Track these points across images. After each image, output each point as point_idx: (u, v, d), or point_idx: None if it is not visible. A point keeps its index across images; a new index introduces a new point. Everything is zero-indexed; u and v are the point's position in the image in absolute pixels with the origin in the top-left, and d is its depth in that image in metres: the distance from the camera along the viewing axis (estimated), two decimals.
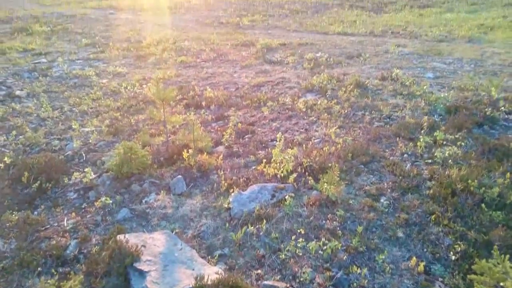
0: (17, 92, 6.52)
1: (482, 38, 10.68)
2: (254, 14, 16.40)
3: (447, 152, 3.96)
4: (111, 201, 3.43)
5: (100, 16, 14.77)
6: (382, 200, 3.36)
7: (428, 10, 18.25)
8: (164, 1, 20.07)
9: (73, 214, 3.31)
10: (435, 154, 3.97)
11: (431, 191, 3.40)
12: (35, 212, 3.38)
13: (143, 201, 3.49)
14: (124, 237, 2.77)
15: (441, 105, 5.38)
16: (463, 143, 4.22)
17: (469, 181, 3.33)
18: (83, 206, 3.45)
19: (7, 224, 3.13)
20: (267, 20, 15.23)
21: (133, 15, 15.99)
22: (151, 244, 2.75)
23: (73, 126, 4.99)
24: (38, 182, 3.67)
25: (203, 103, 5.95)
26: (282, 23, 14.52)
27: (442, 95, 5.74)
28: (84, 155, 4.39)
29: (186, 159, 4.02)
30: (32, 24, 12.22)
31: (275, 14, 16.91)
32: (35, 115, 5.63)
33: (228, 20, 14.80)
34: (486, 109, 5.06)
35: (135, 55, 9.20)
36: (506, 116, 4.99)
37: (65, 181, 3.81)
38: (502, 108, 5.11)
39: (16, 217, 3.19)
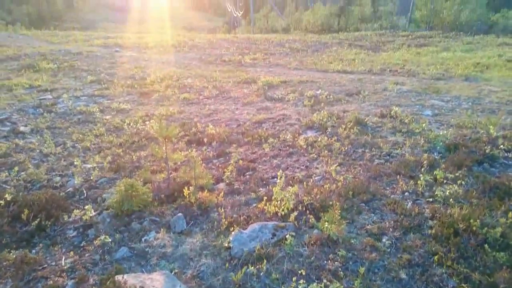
0: (21, 128, 6.62)
1: (479, 77, 10.91)
2: (255, 53, 16.89)
3: (447, 191, 3.95)
4: (110, 240, 3.40)
5: (106, 54, 15.19)
6: (384, 240, 3.33)
7: (425, 49, 18.77)
8: (168, 40, 20.72)
9: (71, 253, 3.27)
10: (436, 193, 3.97)
11: (433, 230, 3.36)
12: (33, 251, 3.34)
13: (143, 239, 3.46)
14: (123, 277, 2.73)
15: (441, 143, 5.42)
16: (463, 182, 4.22)
17: (471, 220, 3.30)
18: (81, 245, 3.42)
19: (4, 263, 3.09)
20: (269, 58, 15.66)
21: (138, 53, 16.46)
22: (150, 285, 2.71)
23: (75, 163, 5.03)
24: (38, 219, 3.65)
25: (205, 140, 6.02)
26: (283, 61, 14.91)
27: (441, 133, 5.80)
28: (85, 192, 4.40)
29: (187, 196, 4.02)
30: (39, 61, 12.55)
31: (276, 53, 17.41)
32: (38, 151, 5.68)
33: (231, 58, 15.23)
34: (486, 147, 5.10)
35: (139, 92, 9.40)
36: (506, 154, 5.02)
37: (65, 219, 3.79)
38: (501, 146, 5.15)
39: (14, 256, 3.15)
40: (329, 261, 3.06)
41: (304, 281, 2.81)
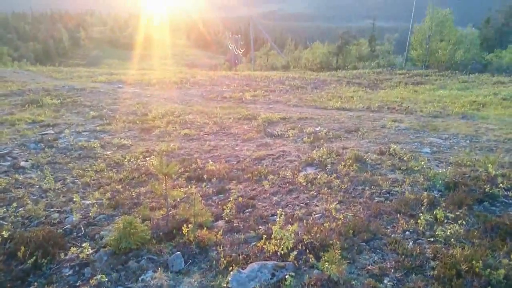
0: (22, 163, 6.64)
1: (476, 115, 11.08)
2: (256, 90, 17.22)
3: (449, 231, 3.92)
4: (106, 279, 3.33)
5: (109, 90, 15.49)
6: (385, 281, 3.26)
7: (421, 87, 19.16)
8: (171, 76, 21.18)
9: None
10: (437, 233, 3.93)
11: (436, 271, 3.31)
12: None
13: (140, 279, 3.39)
14: None
15: (440, 181, 5.43)
16: (464, 221, 4.19)
17: (474, 261, 3.26)
18: (77, 284, 3.35)
19: None
20: (269, 95, 15.95)
21: (140, 89, 16.79)
22: None
23: (74, 199, 5.00)
24: (34, 257, 3.59)
25: (205, 176, 6.03)
26: (282, 98, 15.18)
27: (440, 171, 5.83)
28: (83, 229, 4.36)
29: (186, 234, 3.98)
30: (43, 97, 12.78)
31: (276, 90, 17.75)
32: (37, 186, 5.68)
33: (231, 95, 15.51)
34: (485, 186, 5.10)
35: (140, 128, 9.50)
36: (506, 193, 5.02)
37: (62, 257, 3.74)
38: (501, 185, 5.15)
39: None
40: None
41: None
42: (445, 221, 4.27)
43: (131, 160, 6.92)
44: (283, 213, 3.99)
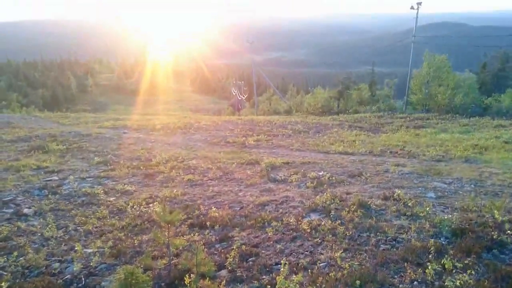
0: (25, 210, 6.63)
1: (479, 158, 11.09)
2: (259, 134, 17.44)
3: (458, 281, 3.81)
4: None
5: (114, 135, 15.73)
6: None
7: (423, 130, 19.34)
8: (175, 121, 21.55)
9: None
10: (446, 283, 3.82)
11: None
12: None
13: None
14: None
15: (446, 228, 5.35)
16: (473, 271, 4.09)
17: None
18: None
19: None
20: (272, 139, 16.12)
21: (145, 134, 17.04)
22: None
23: (75, 247, 4.95)
24: None
25: (208, 223, 5.97)
26: (285, 143, 15.33)
27: (446, 217, 5.75)
28: (83, 279, 4.27)
29: (188, 285, 3.89)
30: (49, 143, 12.97)
31: (279, 134, 17.96)
32: (39, 234, 5.63)
33: (235, 139, 15.69)
34: (493, 232, 5.02)
35: (144, 173, 9.55)
36: None
37: None
38: (509, 231, 5.06)
39: None
40: None
41: None
42: (454, 270, 4.16)
43: (134, 206, 6.90)
44: (287, 262, 3.92)
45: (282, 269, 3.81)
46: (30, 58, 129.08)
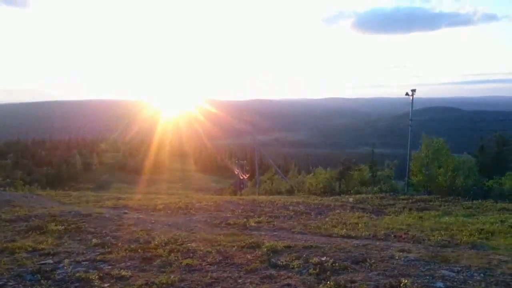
0: None
1: (486, 244, 10.83)
2: (260, 215, 17.24)
3: None
4: None
5: (114, 216, 15.56)
6: None
7: (426, 213, 19.13)
8: (176, 201, 21.43)
9: None
10: None
11: None
12: None
13: None
14: None
15: None
16: None
17: None
18: None
19: None
20: (273, 221, 15.89)
21: (145, 215, 16.87)
22: None
23: None
24: None
25: None
26: (287, 225, 15.09)
27: None
28: None
29: None
30: (48, 223, 12.79)
31: (280, 216, 17.75)
32: None
33: (236, 221, 15.47)
34: None
35: (142, 257, 9.27)
36: None
37: None
38: None
39: None
40: None
41: None
42: None
43: None
44: None
45: None
46: (39, 136, 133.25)
